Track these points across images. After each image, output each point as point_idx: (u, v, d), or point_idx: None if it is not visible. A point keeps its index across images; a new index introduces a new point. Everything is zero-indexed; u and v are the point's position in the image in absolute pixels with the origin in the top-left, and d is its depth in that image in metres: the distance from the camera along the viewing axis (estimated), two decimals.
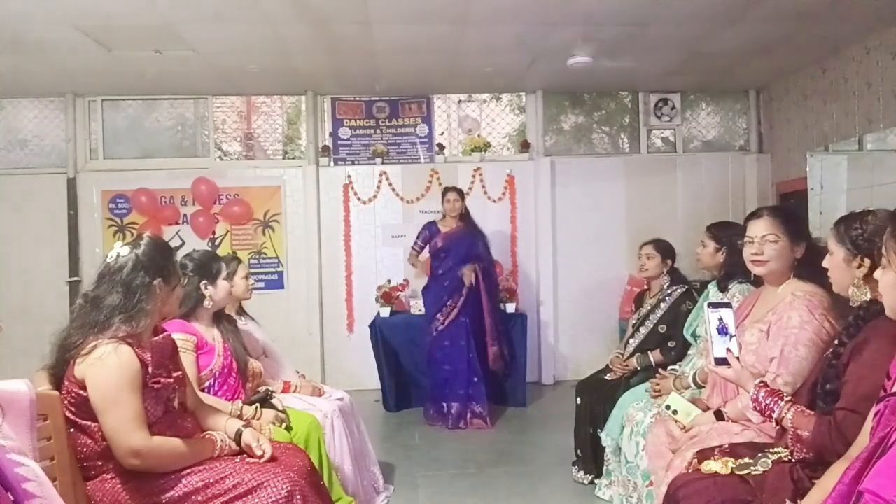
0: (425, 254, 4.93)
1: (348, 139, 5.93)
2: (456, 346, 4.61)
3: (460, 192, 4.88)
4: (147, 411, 1.85)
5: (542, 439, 4.27)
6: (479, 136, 6.06)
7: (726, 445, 2.02)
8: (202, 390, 2.48)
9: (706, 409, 2.40)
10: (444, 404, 4.59)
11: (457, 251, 4.75)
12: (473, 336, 4.64)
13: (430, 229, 4.88)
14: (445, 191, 4.89)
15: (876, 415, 1.30)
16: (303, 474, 2.00)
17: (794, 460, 1.73)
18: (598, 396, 3.39)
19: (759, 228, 2.21)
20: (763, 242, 2.20)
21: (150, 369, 1.88)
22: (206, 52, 4.61)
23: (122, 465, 1.82)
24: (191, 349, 2.50)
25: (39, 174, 5.68)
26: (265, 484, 1.89)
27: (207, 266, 2.67)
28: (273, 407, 2.62)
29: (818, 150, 5.07)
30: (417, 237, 4.91)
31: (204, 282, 2.63)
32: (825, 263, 1.83)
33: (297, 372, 3.34)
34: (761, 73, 5.55)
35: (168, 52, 4.53)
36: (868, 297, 1.66)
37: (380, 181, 5.86)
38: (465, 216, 4.86)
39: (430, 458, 3.94)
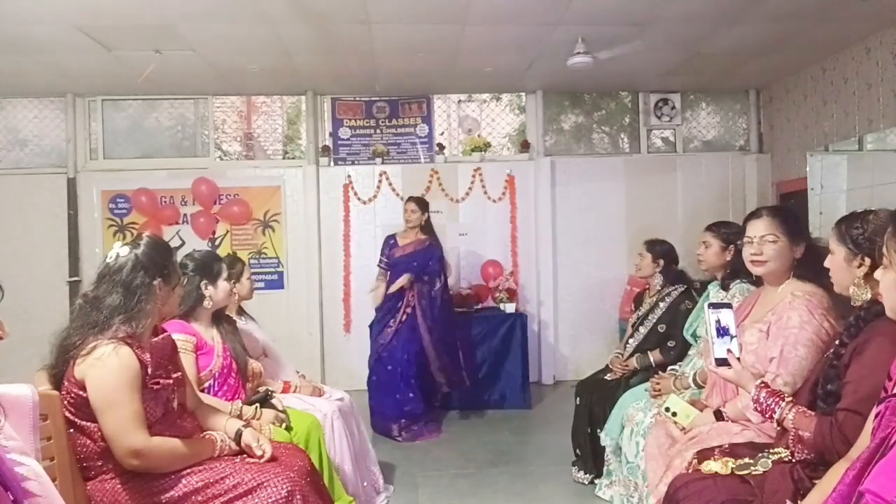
0: None
1: (348, 139, 5.93)
2: (398, 361, 4.42)
3: (420, 203, 4.63)
4: (147, 411, 1.85)
5: (541, 439, 4.27)
6: (479, 136, 6.06)
7: (726, 445, 2.02)
8: (202, 391, 2.48)
9: (704, 409, 2.40)
10: (390, 416, 4.40)
11: (406, 268, 4.53)
12: (416, 345, 4.46)
13: (388, 243, 4.72)
14: (407, 200, 4.70)
15: (877, 416, 1.30)
16: (303, 474, 2.00)
17: (794, 460, 1.73)
18: (597, 397, 3.39)
19: (759, 228, 2.21)
20: (762, 242, 2.20)
21: (149, 370, 1.88)
22: (206, 52, 4.61)
23: (122, 465, 1.82)
24: (190, 350, 2.50)
25: (39, 174, 5.68)
26: (265, 484, 1.89)
27: (208, 266, 2.66)
28: (273, 407, 2.61)
29: (818, 150, 5.07)
30: (381, 253, 4.73)
31: (204, 282, 2.63)
32: (826, 263, 1.83)
33: (297, 372, 3.35)
34: (761, 73, 5.55)
35: (168, 52, 4.53)
36: (869, 296, 1.66)
37: (380, 181, 5.86)
38: (425, 228, 4.61)
39: (430, 458, 3.94)
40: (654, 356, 3.37)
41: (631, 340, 3.52)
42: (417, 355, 4.45)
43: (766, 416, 1.80)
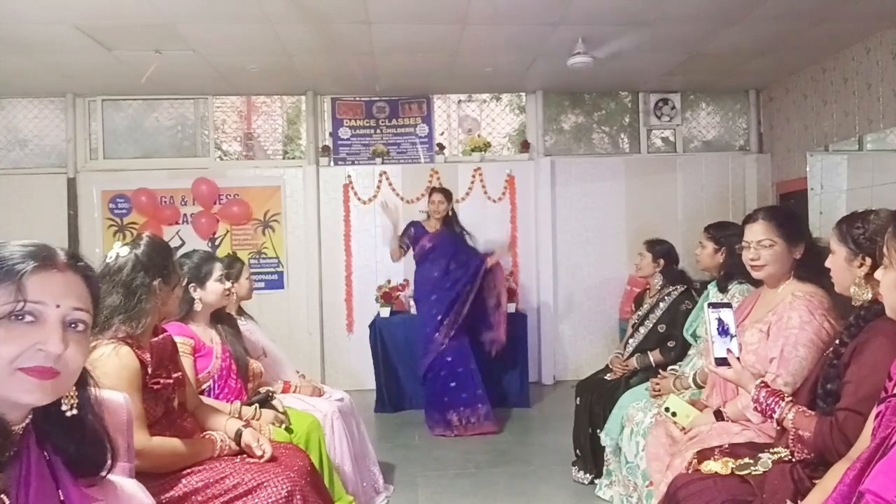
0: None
1: (348, 139, 5.93)
2: (458, 351, 4.53)
3: (447, 194, 4.74)
4: (147, 411, 1.85)
5: (542, 439, 4.27)
6: (479, 136, 6.05)
7: (726, 445, 2.02)
8: (201, 393, 2.47)
9: (704, 409, 2.40)
10: (450, 412, 4.44)
11: (445, 250, 4.65)
12: (469, 336, 4.61)
13: (415, 228, 4.78)
14: (432, 191, 4.81)
15: (877, 415, 1.30)
16: (303, 474, 2.00)
17: (794, 460, 1.73)
18: (597, 396, 3.39)
19: (755, 233, 2.20)
20: (759, 247, 2.18)
21: (149, 370, 1.88)
22: (206, 52, 4.61)
23: None
24: (188, 352, 2.49)
25: (39, 174, 5.68)
26: (265, 484, 1.88)
27: (196, 268, 2.63)
28: (273, 408, 2.61)
29: (818, 150, 5.07)
30: (402, 234, 4.80)
31: (192, 284, 2.60)
32: (827, 263, 1.83)
33: (297, 372, 3.34)
34: (761, 73, 5.55)
35: (168, 52, 4.53)
36: (869, 296, 1.66)
37: (380, 181, 5.86)
38: (448, 219, 4.74)
39: (430, 458, 3.94)
40: (654, 356, 3.37)
41: (631, 340, 3.52)
42: (472, 342, 4.59)
43: (766, 416, 1.80)
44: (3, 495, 0.95)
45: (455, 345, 4.53)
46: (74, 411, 1.07)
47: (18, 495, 0.97)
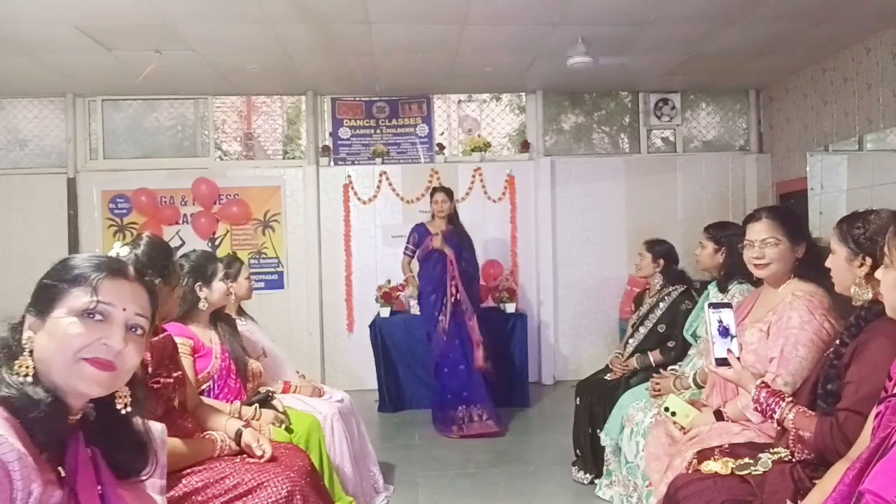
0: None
1: (348, 139, 5.93)
2: (461, 351, 4.51)
3: (449, 193, 4.72)
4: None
5: (542, 439, 4.27)
6: (479, 136, 6.05)
7: (726, 445, 2.02)
8: (200, 394, 2.47)
9: (704, 409, 2.40)
10: (452, 411, 4.43)
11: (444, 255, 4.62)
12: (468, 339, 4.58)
13: (419, 231, 4.77)
14: (434, 191, 4.77)
15: (877, 415, 1.30)
16: (303, 474, 2.00)
17: (794, 460, 1.73)
18: (597, 397, 3.39)
19: (759, 231, 2.19)
20: (763, 246, 2.18)
21: (150, 369, 1.88)
22: (206, 52, 4.61)
23: None
24: (187, 353, 2.48)
25: (39, 174, 5.68)
26: (265, 484, 1.88)
27: (202, 267, 2.63)
28: (273, 408, 2.61)
29: (818, 150, 5.07)
30: (408, 241, 4.80)
31: (198, 283, 2.60)
32: (828, 263, 1.82)
33: (297, 372, 3.34)
34: (761, 73, 5.55)
35: (168, 52, 4.53)
36: (869, 296, 1.66)
37: (380, 181, 5.86)
38: (453, 218, 4.72)
39: (430, 458, 3.94)
40: (654, 356, 3.37)
41: (631, 340, 3.52)
42: (471, 343, 4.55)
43: (767, 416, 1.80)
44: (59, 467, 1.05)
45: (458, 343, 4.53)
46: (129, 409, 1.19)
47: (69, 477, 1.06)
